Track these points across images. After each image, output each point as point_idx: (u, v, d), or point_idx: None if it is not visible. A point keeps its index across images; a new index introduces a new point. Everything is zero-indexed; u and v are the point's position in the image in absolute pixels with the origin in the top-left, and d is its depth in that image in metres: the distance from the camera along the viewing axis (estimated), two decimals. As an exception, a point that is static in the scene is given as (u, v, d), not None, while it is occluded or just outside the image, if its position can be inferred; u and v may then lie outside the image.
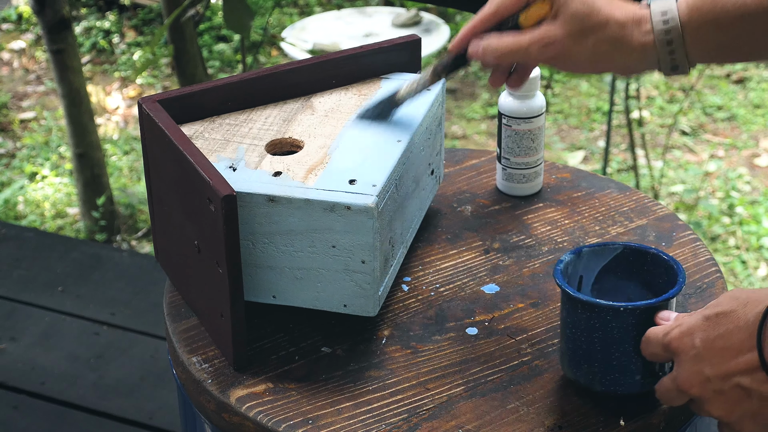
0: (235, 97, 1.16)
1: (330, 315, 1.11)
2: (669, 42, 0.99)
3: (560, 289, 0.98)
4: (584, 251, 1.02)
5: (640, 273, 1.02)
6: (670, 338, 0.91)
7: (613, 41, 1.00)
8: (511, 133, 1.28)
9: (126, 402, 2.17)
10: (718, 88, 3.94)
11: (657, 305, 0.95)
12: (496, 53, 1.04)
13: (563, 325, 1.00)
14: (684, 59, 0.99)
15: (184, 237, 1.07)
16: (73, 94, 2.97)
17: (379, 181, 1.03)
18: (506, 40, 1.03)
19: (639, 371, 0.97)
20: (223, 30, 4.38)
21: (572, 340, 0.98)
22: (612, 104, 2.94)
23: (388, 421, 0.99)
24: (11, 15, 4.70)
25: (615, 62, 1.02)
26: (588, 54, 1.01)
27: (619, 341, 0.96)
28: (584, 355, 0.98)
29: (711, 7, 0.98)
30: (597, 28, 1.00)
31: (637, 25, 1.00)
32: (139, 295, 2.49)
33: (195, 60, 2.68)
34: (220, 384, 1.03)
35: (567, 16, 1.01)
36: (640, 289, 1.03)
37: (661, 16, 0.99)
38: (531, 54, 1.03)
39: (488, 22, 1.05)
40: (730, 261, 3.03)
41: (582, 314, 0.96)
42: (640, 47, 1.00)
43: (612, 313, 0.95)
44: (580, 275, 1.03)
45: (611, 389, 0.98)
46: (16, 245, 2.68)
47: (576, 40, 1.01)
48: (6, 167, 3.65)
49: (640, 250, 1.02)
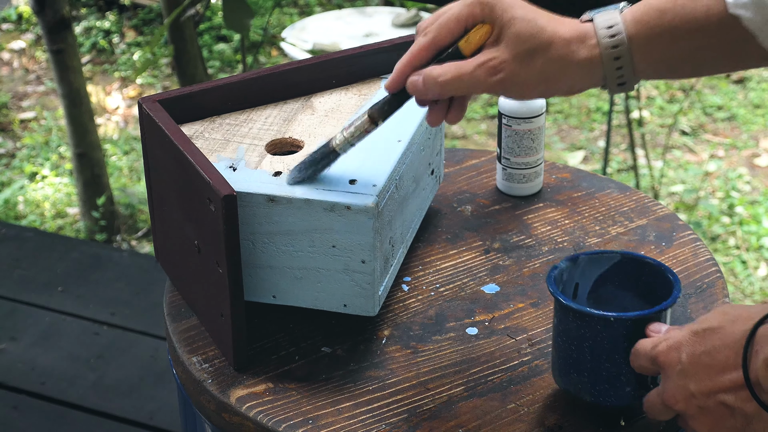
0: (235, 97, 1.16)
1: (330, 315, 1.11)
2: (617, 57, 0.94)
3: (553, 296, 0.97)
4: (581, 258, 1.01)
5: (637, 283, 1.01)
6: (657, 352, 0.90)
7: (560, 60, 0.94)
8: (511, 133, 1.28)
9: (126, 402, 2.17)
10: (718, 88, 3.94)
11: (648, 316, 0.94)
12: (439, 84, 0.95)
13: (555, 333, 0.99)
14: (631, 74, 0.95)
15: (184, 237, 1.07)
16: (73, 94, 2.98)
17: (379, 181, 1.03)
18: (449, 67, 0.95)
19: (629, 383, 0.95)
20: (223, 30, 4.38)
21: (562, 349, 0.97)
22: (612, 104, 2.94)
23: (388, 421, 0.99)
24: (11, 15, 4.70)
25: (562, 82, 0.95)
26: (536, 75, 0.94)
27: (609, 351, 0.94)
28: (574, 364, 0.97)
29: (658, 21, 0.94)
30: (543, 47, 0.94)
31: (582, 41, 0.94)
32: (139, 295, 2.49)
33: (195, 60, 2.68)
34: (220, 384, 1.03)
35: (511, 37, 0.94)
36: (637, 300, 1.01)
37: (607, 30, 0.94)
38: (478, 80, 0.94)
39: (426, 53, 0.97)
40: (730, 261, 3.03)
41: (573, 322, 0.95)
42: (587, 63, 0.94)
43: (603, 322, 0.93)
44: (576, 282, 1.01)
45: (600, 400, 0.96)
46: (16, 245, 2.68)
47: (523, 62, 0.94)
48: (6, 167, 3.65)
49: (638, 259, 1.00)
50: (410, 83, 0.97)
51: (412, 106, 1.15)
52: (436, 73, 0.95)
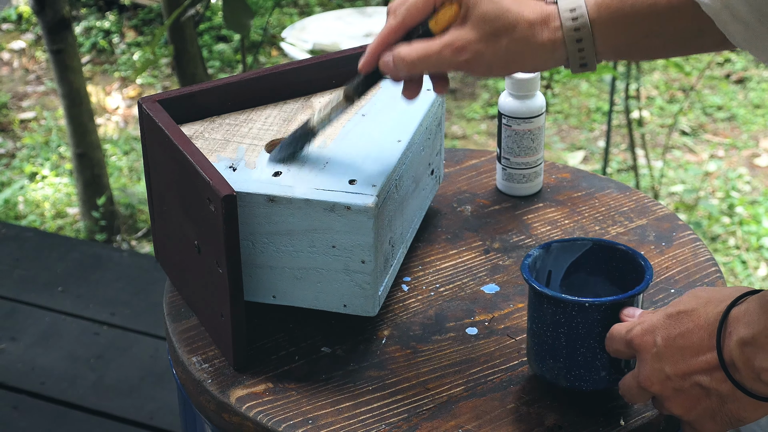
0: (235, 97, 1.16)
1: (330, 315, 1.11)
2: (578, 39, 0.96)
3: (527, 283, 0.98)
4: (553, 246, 1.02)
5: (609, 269, 1.02)
6: (632, 335, 0.92)
7: (524, 41, 0.97)
8: (511, 133, 1.28)
9: (126, 402, 2.17)
10: (718, 88, 3.94)
11: (622, 301, 0.95)
12: (407, 62, 0.98)
13: (529, 320, 1.00)
14: (593, 56, 0.97)
15: (184, 237, 1.07)
16: (73, 94, 2.97)
17: (379, 181, 1.03)
18: (417, 47, 0.98)
19: (604, 367, 0.97)
20: (223, 30, 4.38)
21: (538, 335, 0.98)
22: (612, 104, 2.94)
23: (388, 421, 0.99)
24: (11, 15, 4.70)
25: (526, 62, 0.99)
26: (502, 55, 0.97)
27: (584, 337, 0.96)
28: (549, 351, 0.98)
29: (620, 5, 0.96)
30: (508, 28, 0.96)
31: (545, 23, 0.97)
32: (139, 295, 2.49)
33: (195, 60, 2.68)
34: (220, 384, 1.03)
35: (477, 17, 0.97)
36: (609, 286, 1.02)
37: (570, 14, 0.96)
38: (444, 59, 0.98)
39: (396, 33, 1.00)
40: (730, 261, 3.03)
41: (548, 309, 0.96)
42: (550, 44, 0.97)
43: (577, 308, 0.95)
44: (549, 270, 1.02)
45: (576, 385, 0.98)
46: (16, 245, 2.68)
47: (489, 42, 0.97)
48: (6, 167, 3.65)
49: (609, 246, 1.02)
50: (382, 63, 1.00)
51: (412, 107, 1.15)
52: (405, 53, 0.99)
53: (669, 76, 4.00)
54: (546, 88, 3.06)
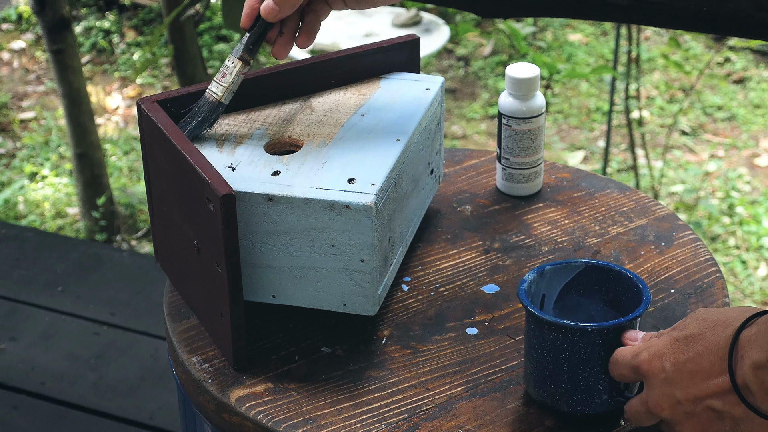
0: (235, 97, 1.16)
1: (330, 315, 1.11)
2: None
3: (525, 309, 0.97)
4: (546, 269, 1.01)
5: (602, 290, 1.02)
6: (639, 361, 0.91)
7: None
8: (511, 133, 1.28)
9: (126, 402, 2.17)
10: (718, 88, 3.94)
11: (624, 325, 0.94)
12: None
13: (527, 346, 0.99)
14: None
15: (184, 237, 1.07)
16: (73, 94, 2.97)
17: (378, 180, 1.03)
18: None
19: (606, 391, 0.96)
20: (223, 30, 4.38)
21: (537, 362, 0.97)
22: (612, 104, 2.94)
23: (388, 421, 0.99)
24: (11, 15, 4.70)
25: None
26: None
27: (586, 361, 0.95)
28: (550, 376, 0.97)
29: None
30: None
31: None
32: (139, 295, 2.49)
33: (195, 60, 2.68)
34: (220, 384, 1.03)
35: None
36: (602, 307, 1.02)
37: None
38: None
39: None
40: (730, 261, 3.03)
41: (548, 335, 0.95)
42: None
43: (579, 333, 0.94)
44: (542, 294, 1.01)
45: (579, 410, 0.97)
46: (16, 245, 2.68)
47: None
48: (6, 167, 3.65)
49: (603, 267, 1.01)
50: (264, 9, 1.04)
51: (412, 107, 1.15)
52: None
53: (669, 76, 4.00)
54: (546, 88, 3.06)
